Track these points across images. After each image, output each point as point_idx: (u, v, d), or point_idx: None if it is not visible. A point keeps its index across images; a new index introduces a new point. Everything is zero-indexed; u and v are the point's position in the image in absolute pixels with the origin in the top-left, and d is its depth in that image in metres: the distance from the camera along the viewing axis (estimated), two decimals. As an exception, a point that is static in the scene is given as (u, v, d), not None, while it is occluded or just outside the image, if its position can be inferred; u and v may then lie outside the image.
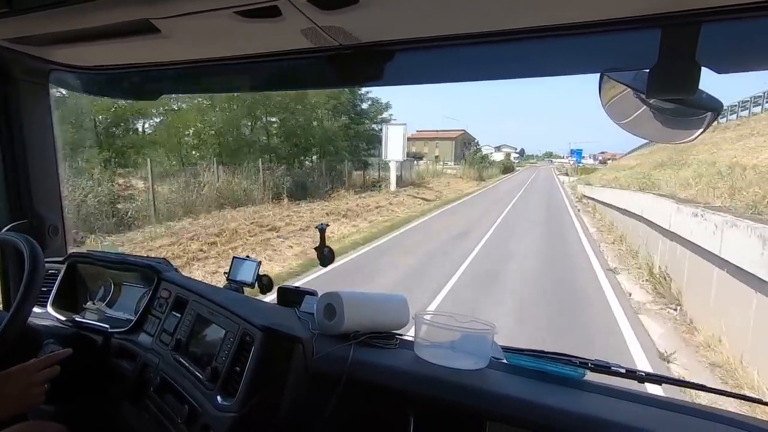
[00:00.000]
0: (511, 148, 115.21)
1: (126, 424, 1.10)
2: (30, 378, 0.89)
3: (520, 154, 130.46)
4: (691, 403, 0.87)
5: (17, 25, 0.95)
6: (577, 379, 0.91)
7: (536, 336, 4.45)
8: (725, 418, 0.79)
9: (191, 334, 1.06)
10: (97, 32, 0.97)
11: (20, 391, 0.87)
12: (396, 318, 1.13)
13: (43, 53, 1.21)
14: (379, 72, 1.02)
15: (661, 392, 1.83)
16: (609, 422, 0.75)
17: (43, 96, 1.44)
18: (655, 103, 0.83)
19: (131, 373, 1.11)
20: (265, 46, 1.03)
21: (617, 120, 0.92)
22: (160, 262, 1.33)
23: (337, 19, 0.82)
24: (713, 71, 0.77)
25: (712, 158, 9.50)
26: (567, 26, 0.79)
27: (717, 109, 0.79)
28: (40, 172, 1.45)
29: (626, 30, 0.78)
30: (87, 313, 1.36)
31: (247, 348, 0.90)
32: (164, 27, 0.90)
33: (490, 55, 0.95)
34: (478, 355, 0.95)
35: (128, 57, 1.18)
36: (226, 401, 0.87)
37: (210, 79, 1.35)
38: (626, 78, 0.84)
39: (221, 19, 0.84)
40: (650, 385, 0.91)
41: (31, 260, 0.95)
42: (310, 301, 1.25)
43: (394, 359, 0.99)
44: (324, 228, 1.30)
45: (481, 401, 0.85)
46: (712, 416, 0.80)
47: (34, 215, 1.44)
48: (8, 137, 1.37)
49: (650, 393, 0.89)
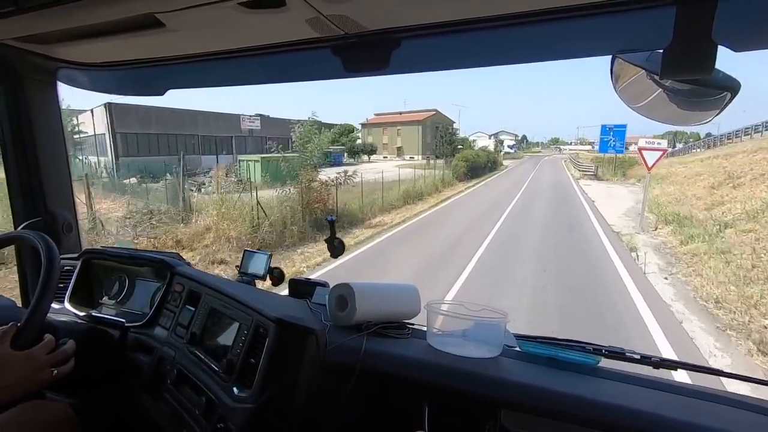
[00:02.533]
0: (510, 135, 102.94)
1: (145, 416, 1.13)
2: (35, 363, 0.91)
3: (522, 141, 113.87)
4: (707, 388, 0.86)
5: (23, 23, 0.95)
6: (591, 365, 0.90)
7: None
8: (743, 403, 0.78)
9: (205, 327, 1.07)
10: (102, 29, 0.97)
11: (26, 376, 0.90)
12: (407, 308, 1.13)
13: (50, 51, 1.21)
14: (386, 60, 1.00)
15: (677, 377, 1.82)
16: (624, 408, 0.75)
17: (51, 94, 1.45)
18: (670, 85, 0.80)
19: (148, 366, 1.13)
20: (270, 38, 1.02)
21: (631, 104, 0.90)
22: (172, 257, 1.35)
23: (342, 7, 0.81)
24: (730, 49, 0.75)
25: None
26: (577, 7, 0.77)
27: (734, 89, 0.76)
28: (51, 170, 1.46)
29: (639, 9, 0.76)
30: (103, 308, 1.39)
31: (261, 340, 0.90)
32: (169, 21, 0.90)
33: (498, 40, 0.93)
34: (491, 343, 0.95)
35: (134, 53, 1.18)
36: (242, 393, 0.88)
37: (216, 73, 1.34)
38: (639, 59, 0.82)
39: (226, 11, 0.84)
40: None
41: (47, 257, 0.96)
42: (322, 292, 1.26)
43: (406, 349, 0.99)
44: (333, 220, 1.30)
45: (494, 389, 0.85)
46: (730, 401, 0.79)
47: (48, 213, 1.46)
48: (18, 136, 1.38)
49: (665, 378, 0.89)
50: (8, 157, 1.39)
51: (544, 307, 5.48)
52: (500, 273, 6.98)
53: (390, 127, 56.89)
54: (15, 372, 0.88)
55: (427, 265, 7.56)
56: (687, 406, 0.78)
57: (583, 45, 0.96)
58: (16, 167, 1.40)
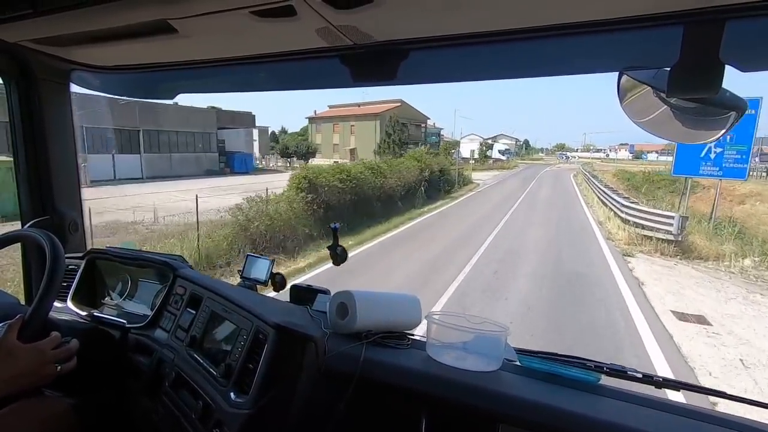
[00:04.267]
0: (510, 139, 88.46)
1: (143, 418, 1.12)
2: (42, 356, 0.92)
3: (523, 146, 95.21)
4: (709, 410, 0.84)
5: (40, 25, 0.98)
6: (591, 383, 0.89)
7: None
8: (746, 427, 0.77)
9: (205, 331, 1.07)
10: (116, 32, 0.99)
11: (32, 369, 0.91)
12: (408, 318, 1.13)
13: (64, 53, 1.23)
14: (393, 71, 1.01)
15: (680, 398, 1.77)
16: (625, 428, 0.74)
17: (64, 95, 1.47)
18: (676, 102, 0.80)
19: (147, 368, 1.13)
20: (280, 46, 1.03)
21: (636, 118, 0.90)
22: (175, 259, 1.35)
23: (351, 18, 0.82)
24: (738, 69, 0.75)
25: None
26: (586, 24, 0.78)
27: (741, 109, 0.76)
28: (60, 170, 1.48)
29: (647, 28, 0.76)
30: (105, 308, 1.39)
31: (260, 346, 0.90)
32: (181, 27, 0.91)
33: (506, 53, 0.94)
34: (491, 356, 0.95)
35: (146, 57, 1.20)
36: (239, 398, 0.87)
37: (225, 79, 1.36)
38: (646, 76, 0.82)
39: (237, 19, 0.85)
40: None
41: (52, 256, 0.97)
42: (323, 299, 1.26)
43: (406, 359, 0.98)
44: (337, 228, 1.30)
45: (493, 403, 0.84)
46: (733, 424, 0.78)
47: (55, 212, 1.47)
48: (30, 135, 1.40)
49: (667, 399, 0.87)
50: (19, 155, 1.41)
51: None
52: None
53: (342, 122, 40.99)
54: (23, 362, 0.89)
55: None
56: (689, 429, 0.77)
57: (590, 61, 0.96)
58: (26, 165, 1.42)
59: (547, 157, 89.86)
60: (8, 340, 0.89)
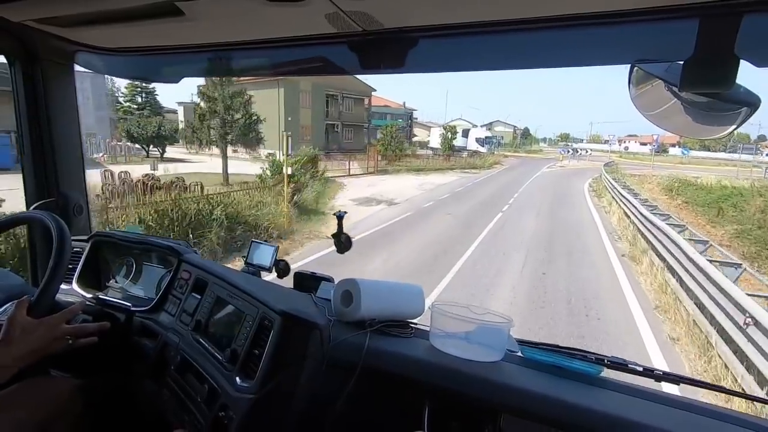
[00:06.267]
0: (508, 126, 76.38)
1: (147, 401, 1.14)
2: (53, 331, 0.96)
3: (523, 135, 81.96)
4: (707, 404, 0.85)
5: (44, 5, 0.96)
6: (593, 375, 0.90)
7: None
8: (742, 420, 0.78)
9: (210, 316, 1.08)
10: (122, 14, 0.97)
11: (45, 344, 0.94)
12: (412, 307, 1.14)
13: (69, 34, 1.22)
14: (401, 59, 1.00)
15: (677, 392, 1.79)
16: (625, 420, 0.75)
17: (68, 76, 1.46)
18: (687, 96, 0.79)
19: (152, 351, 1.14)
20: (288, 31, 1.02)
21: (645, 111, 0.89)
22: (180, 244, 1.36)
23: (361, 3, 0.81)
24: (753, 65, 0.74)
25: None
26: (600, 15, 0.76)
27: (754, 104, 0.75)
28: (65, 152, 1.48)
29: (661, 20, 0.75)
30: (110, 291, 1.40)
31: (265, 332, 0.91)
32: (188, 10, 0.90)
33: (516, 43, 0.93)
34: (494, 347, 0.95)
35: (152, 39, 1.19)
36: (245, 383, 0.89)
37: (232, 63, 1.35)
38: (658, 70, 0.81)
39: (246, 3, 0.84)
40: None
41: (59, 238, 0.98)
42: (326, 286, 1.26)
43: (409, 348, 0.99)
44: (342, 216, 1.30)
45: (495, 393, 0.85)
46: (730, 418, 0.79)
47: (60, 194, 1.47)
48: (35, 117, 1.40)
49: (667, 392, 0.88)
50: (24, 137, 1.40)
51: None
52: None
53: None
54: (35, 337, 0.92)
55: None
56: (687, 422, 0.78)
57: (602, 52, 0.95)
58: (31, 148, 1.41)
59: (549, 150, 73.19)
60: (20, 316, 0.91)
